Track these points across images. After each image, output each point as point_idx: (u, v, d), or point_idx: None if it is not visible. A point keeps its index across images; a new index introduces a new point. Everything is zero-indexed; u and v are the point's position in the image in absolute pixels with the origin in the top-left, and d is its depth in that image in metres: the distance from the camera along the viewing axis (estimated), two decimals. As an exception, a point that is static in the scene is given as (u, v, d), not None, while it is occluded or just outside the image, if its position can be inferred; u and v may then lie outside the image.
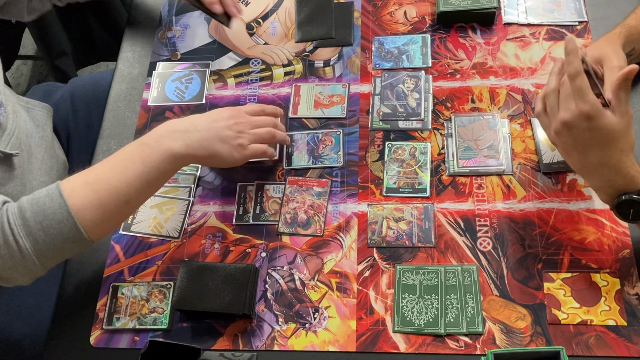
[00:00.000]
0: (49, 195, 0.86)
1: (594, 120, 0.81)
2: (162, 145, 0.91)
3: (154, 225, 1.05)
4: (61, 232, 0.86)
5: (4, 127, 1.00)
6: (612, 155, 0.83)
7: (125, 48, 1.26)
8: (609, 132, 0.82)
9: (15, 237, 0.85)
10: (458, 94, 1.12)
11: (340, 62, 1.19)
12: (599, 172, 0.85)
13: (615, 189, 0.85)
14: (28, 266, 0.86)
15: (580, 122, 0.82)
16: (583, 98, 0.81)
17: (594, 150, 0.83)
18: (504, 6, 1.20)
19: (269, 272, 0.99)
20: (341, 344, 0.93)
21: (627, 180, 0.84)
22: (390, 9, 1.24)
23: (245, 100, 1.16)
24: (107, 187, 0.88)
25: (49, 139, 1.18)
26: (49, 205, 0.85)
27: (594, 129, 0.82)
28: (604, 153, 0.83)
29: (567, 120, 0.83)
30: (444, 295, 0.94)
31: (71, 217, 0.85)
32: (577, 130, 0.83)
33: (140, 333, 0.96)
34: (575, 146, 0.85)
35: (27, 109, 1.15)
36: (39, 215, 0.85)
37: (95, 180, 0.88)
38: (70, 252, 0.89)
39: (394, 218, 1.01)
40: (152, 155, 0.90)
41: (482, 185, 1.03)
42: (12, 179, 1.02)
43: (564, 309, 0.92)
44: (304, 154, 1.09)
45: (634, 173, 0.84)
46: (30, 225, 0.85)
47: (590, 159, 0.84)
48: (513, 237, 0.98)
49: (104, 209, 0.88)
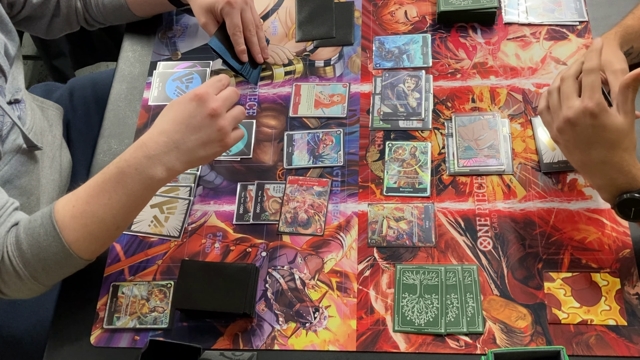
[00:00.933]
0: (43, 226, 0.88)
1: (598, 117, 0.81)
2: (142, 174, 0.88)
3: (154, 225, 1.05)
4: (57, 261, 0.89)
5: (23, 121, 1.04)
6: (615, 154, 0.83)
7: (126, 48, 1.26)
8: (613, 130, 0.82)
9: (15, 268, 0.88)
10: (458, 94, 1.12)
11: (341, 62, 1.19)
12: (601, 170, 0.85)
13: (616, 188, 0.85)
14: (31, 288, 0.91)
15: (584, 119, 0.82)
16: (591, 95, 0.81)
17: (597, 148, 0.83)
18: (504, 6, 1.20)
19: (269, 271, 0.99)
20: (341, 343, 0.93)
21: (629, 178, 0.84)
22: (391, 8, 1.24)
23: (246, 100, 1.16)
24: (93, 219, 0.89)
25: (59, 138, 1.20)
26: (44, 238, 0.88)
27: (597, 126, 0.82)
28: (606, 151, 0.83)
29: (570, 118, 0.83)
30: (444, 294, 0.94)
31: (66, 248, 0.88)
32: (580, 127, 0.83)
33: (141, 332, 0.96)
34: (578, 144, 0.85)
35: (42, 108, 1.18)
36: (34, 247, 0.88)
37: (82, 214, 0.89)
38: (69, 273, 0.93)
39: (395, 217, 1.01)
40: (133, 185, 0.89)
41: (483, 184, 1.03)
42: (29, 173, 1.05)
43: (564, 309, 0.92)
44: (305, 153, 1.09)
45: (635, 172, 0.84)
46: (27, 257, 0.88)
47: (593, 157, 0.84)
48: (513, 237, 0.98)
49: (95, 237, 0.90)
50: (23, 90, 1.07)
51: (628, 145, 0.83)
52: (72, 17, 1.22)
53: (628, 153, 0.83)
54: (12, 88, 1.04)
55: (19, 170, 1.02)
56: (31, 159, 1.06)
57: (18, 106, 1.03)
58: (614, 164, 0.83)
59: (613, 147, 0.82)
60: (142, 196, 0.91)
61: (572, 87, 0.84)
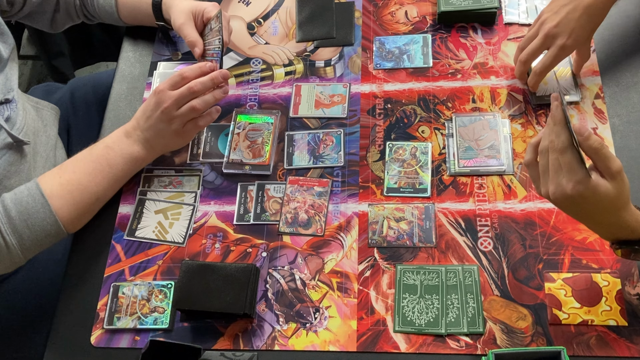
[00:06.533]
0: (31, 195, 0.95)
1: (589, 197, 0.78)
2: (124, 150, 1.02)
3: (158, 231, 1.05)
4: (44, 228, 0.95)
5: (13, 121, 1.05)
6: (612, 215, 0.81)
7: (126, 48, 1.26)
8: (605, 200, 0.79)
9: (3, 235, 0.93)
10: (459, 94, 1.12)
11: (341, 62, 1.19)
12: (600, 228, 0.85)
13: (616, 238, 0.85)
14: (13, 259, 0.95)
15: (574, 199, 0.79)
16: (573, 177, 0.78)
17: (593, 215, 0.82)
18: (504, 6, 1.20)
19: (269, 271, 0.99)
20: (342, 343, 0.93)
21: (627, 232, 0.83)
22: (391, 8, 1.24)
23: (246, 100, 1.16)
24: (79, 187, 0.98)
25: (54, 138, 1.20)
26: (32, 205, 0.95)
27: (590, 202, 0.79)
28: (602, 216, 0.82)
29: (559, 198, 0.80)
30: (445, 295, 0.94)
31: (53, 215, 0.95)
32: (573, 203, 0.81)
33: (141, 333, 0.96)
34: (575, 214, 0.84)
35: (36, 109, 1.18)
36: (23, 214, 0.94)
37: (69, 182, 0.98)
38: (48, 245, 0.98)
39: (395, 218, 1.01)
40: (116, 158, 1.01)
41: (483, 185, 1.03)
42: (19, 172, 1.05)
43: (564, 309, 0.92)
44: (305, 153, 1.09)
45: (634, 224, 0.82)
46: (16, 223, 0.94)
47: (590, 221, 0.84)
48: (514, 237, 0.98)
49: (78, 206, 0.98)
50: (15, 90, 1.08)
51: (623, 203, 0.81)
52: (72, 11, 1.23)
53: (625, 210, 0.81)
54: (5, 88, 1.04)
55: (9, 171, 1.02)
56: (21, 159, 1.06)
57: (8, 106, 1.04)
58: (612, 223, 0.82)
59: (608, 211, 0.81)
60: (124, 170, 1.02)
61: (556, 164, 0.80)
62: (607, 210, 0.81)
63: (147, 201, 1.07)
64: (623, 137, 1.04)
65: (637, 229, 0.82)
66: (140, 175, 1.10)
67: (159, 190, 1.08)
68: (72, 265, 1.04)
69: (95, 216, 1.05)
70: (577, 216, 0.84)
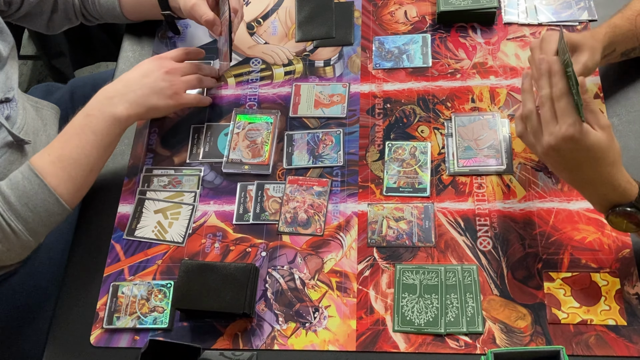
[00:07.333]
0: (25, 178, 0.94)
1: (580, 141, 0.80)
2: (105, 113, 1.00)
3: (157, 230, 1.05)
4: (47, 208, 0.95)
5: (13, 120, 1.05)
6: (603, 170, 0.83)
7: (126, 48, 1.26)
8: (597, 149, 0.81)
9: (7, 222, 0.92)
10: (458, 94, 1.12)
11: (341, 62, 1.19)
12: (592, 187, 0.86)
13: (608, 202, 0.86)
14: (23, 244, 0.95)
15: (566, 144, 0.81)
16: (567, 120, 0.80)
17: (584, 167, 0.83)
18: (504, 6, 1.20)
19: (269, 271, 0.99)
20: (341, 343, 0.93)
21: (619, 193, 0.84)
22: (391, 8, 1.24)
23: (246, 99, 1.17)
24: (70, 161, 0.97)
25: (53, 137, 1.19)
26: (29, 188, 0.94)
27: (581, 149, 0.81)
28: (594, 169, 0.83)
29: (553, 145, 0.82)
30: (444, 294, 0.94)
31: (52, 193, 0.95)
32: (564, 152, 0.82)
33: (141, 332, 0.96)
34: (566, 166, 0.85)
35: (36, 108, 1.18)
36: (22, 198, 0.93)
37: (59, 158, 0.97)
38: (55, 223, 0.98)
39: (394, 217, 1.01)
40: (99, 124, 1.00)
41: (482, 184, 1.03)
42: None
43: (564, 309, 0.92)
44: (304, 153, 1.09)
45: (625, 185, 0.84)
46: (17, 208, 0.93)
47: (582, 176, 0.85)
48: (513, 237, 0.98)
49: (74, 181, 0.98)
50: (15, 90, 1.07)
51: (614, 159, 0.83)
52: (70, 12, 1.23)
53: (615, 167, 0.83)
54: (5, 87, 1.04)
55: (9, 170, 1.02)
56: (22, 158, 1.06)
57: (8, 105, 1.04)
58: (603, 180, 0.83)
59: (599, 164, 0.82)
60: (109, 134, 1.00)
61: (549, 112, 0.82)
62: (598, 162, 0.82)
63: (146, 201, 1.07)
64: (622, 136, 1.04)
65: (628, 190, 0.84)
66: (139, 175, 1.10)
67: (158, 189, 1.08)
68: (71, 265, 1.04)
69: (95, 216, 1.05)
70: (569, 170, 0.85)
